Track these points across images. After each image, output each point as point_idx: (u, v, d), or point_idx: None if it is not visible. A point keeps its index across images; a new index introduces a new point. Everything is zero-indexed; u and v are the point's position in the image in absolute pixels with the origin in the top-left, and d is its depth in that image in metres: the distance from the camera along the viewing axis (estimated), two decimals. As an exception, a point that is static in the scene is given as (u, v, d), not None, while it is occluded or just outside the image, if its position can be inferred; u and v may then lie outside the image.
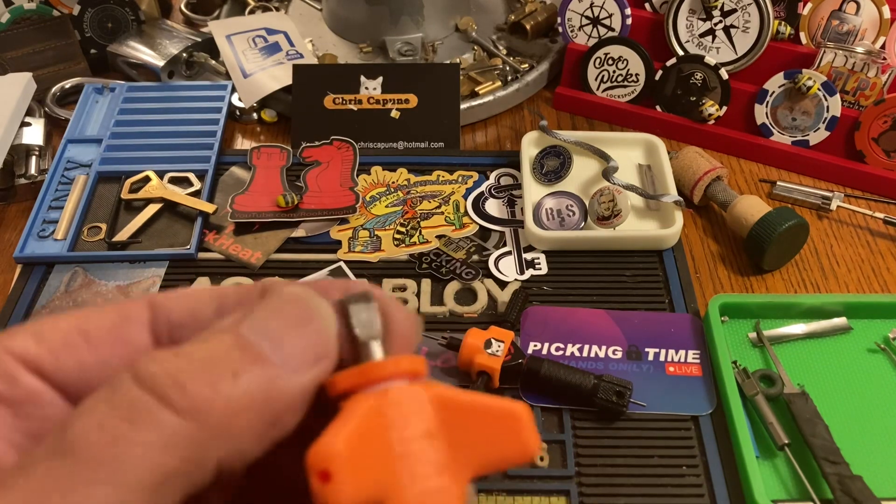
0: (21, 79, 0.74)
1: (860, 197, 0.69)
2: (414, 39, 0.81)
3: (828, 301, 0.57)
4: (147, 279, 0.61)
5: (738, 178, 0.72)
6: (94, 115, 0.75)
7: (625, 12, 0.75)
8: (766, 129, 0.72)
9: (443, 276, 0.61)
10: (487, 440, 0.19)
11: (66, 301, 0.59)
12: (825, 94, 0.68)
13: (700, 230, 0.66)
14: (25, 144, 0.71)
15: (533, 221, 0.63)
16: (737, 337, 0.57)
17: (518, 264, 0.62)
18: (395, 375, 0.19)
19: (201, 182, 0.68)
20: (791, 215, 0.60)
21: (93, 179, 0.68)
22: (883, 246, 0.65)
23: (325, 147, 0.72)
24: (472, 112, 0.76)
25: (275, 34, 0.81)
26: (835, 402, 0.52)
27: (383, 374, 0.19)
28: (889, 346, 0.56)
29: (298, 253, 0.63)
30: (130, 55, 0.79)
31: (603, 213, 0.63)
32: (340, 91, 0.74)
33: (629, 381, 0.52)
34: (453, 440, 0.19)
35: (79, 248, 0.63)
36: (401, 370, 0.19)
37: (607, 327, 0.57)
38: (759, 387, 0.52)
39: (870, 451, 0.50)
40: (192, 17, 0.89)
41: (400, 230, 0.65)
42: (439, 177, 0.70)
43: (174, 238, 0.64)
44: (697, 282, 0.62)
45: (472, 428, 0.19)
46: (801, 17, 0.72)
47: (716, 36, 0.72)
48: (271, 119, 0.77)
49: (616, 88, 0.77)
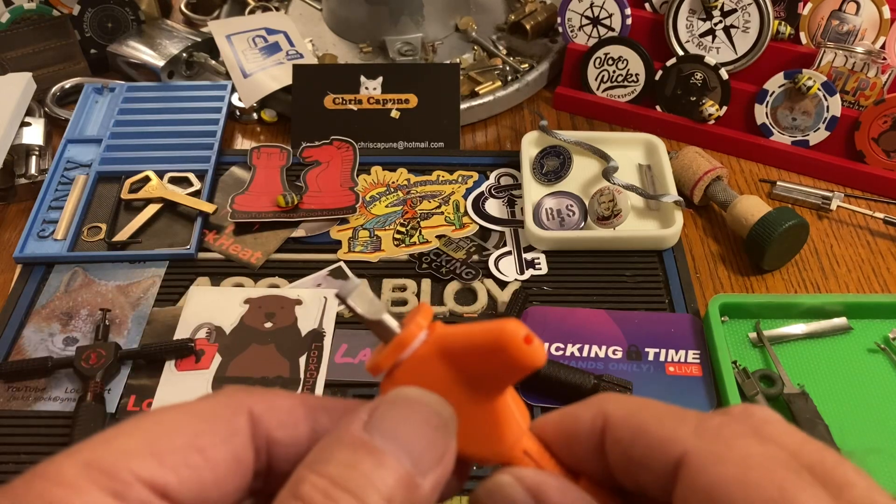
0: (21, 79, 0.74)
1: (860, 197, 0.69)
2: (414, 39, 0.81)
3: (828, 301, 0.57)
4: (147, 279, 0.61)
5: (738, 178, 0.72)
6: (94, 115, 0.75)
7: (625, 12, 0.75)
8: (766, 129, 0.72)
9: (443, 276, 0.61)
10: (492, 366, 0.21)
11: (65, 301, 0.59)
12: (825, 94, 0.68)
13: (700, 230, 0.66)
14: (25, 144, 0.71)
15: (533, 221, 0.63)
16: (737, 337, 0.57)
17: (518, 264, 0.62)
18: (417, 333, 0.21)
19: (201, 182, 0.68)
20: (791, 215, 0.60)
21: (93, 179, 0.68)
22: (883, 246, 0.65)
23: (325, 147, 0.72)
24: (472, 112, 0.76)
25: (275, 34, 0.81)
26: (835, 402, 0.52)
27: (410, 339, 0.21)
28: (889, 346, 0.56)
29: (298, 253, 0.63)
30: (130, 55, 0.79)
31: (603, 213, 0.63)
32: (340, 91, 0.74)
33: (629, 381, 0.52)
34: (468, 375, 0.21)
35: (79, 248, 0.63)
36: (419, 327, 0.22)
37: (607, 327, 0.57)
38: (759, 387, 0.52)
39: (870, 451, 0.50)
40: (192, 17, 0.89)
41: (400, 230, 0.65)
42: (439, 177, 0.70)
43: (174, 238, 0.64)
44: (697, 282, 0.62)
45: (476, 361, 0.21)
46: (801, 17, 0.72)
47: (716, 36, 0.72)
48: (271, 119, 0.77)
49: (616, 88, 0.77)
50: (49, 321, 0.58)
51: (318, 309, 0.58)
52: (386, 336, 0.22)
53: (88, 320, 0.58)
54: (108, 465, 0.18)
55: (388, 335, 0.22)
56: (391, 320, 0.22)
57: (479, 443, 0.21)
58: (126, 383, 0.54)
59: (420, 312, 0.22)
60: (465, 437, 0.21)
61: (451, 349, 0.21)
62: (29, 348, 0.56)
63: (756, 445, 0.18)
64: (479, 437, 0.21)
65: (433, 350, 0.21)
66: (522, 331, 0.20)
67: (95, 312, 0.59)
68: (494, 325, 0.20)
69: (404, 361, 0.21)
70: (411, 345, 0.21)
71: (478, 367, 0.21)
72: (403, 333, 0.21)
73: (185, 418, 0.19)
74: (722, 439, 0.19)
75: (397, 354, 0.21)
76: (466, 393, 0.21)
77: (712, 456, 0.18)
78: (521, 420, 0.22)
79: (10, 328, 0.57)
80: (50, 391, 0.54)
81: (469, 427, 0.21)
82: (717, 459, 0.18)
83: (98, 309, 0.59)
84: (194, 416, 0.20)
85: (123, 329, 0.58)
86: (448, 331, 0.22)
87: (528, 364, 0.20)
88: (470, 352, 0.21)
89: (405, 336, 0.21)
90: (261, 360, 0.55)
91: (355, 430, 0.19)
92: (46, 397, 0.53)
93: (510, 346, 0.20)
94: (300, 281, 0.61)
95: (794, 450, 0.18)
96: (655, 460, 0.19)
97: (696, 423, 0.19)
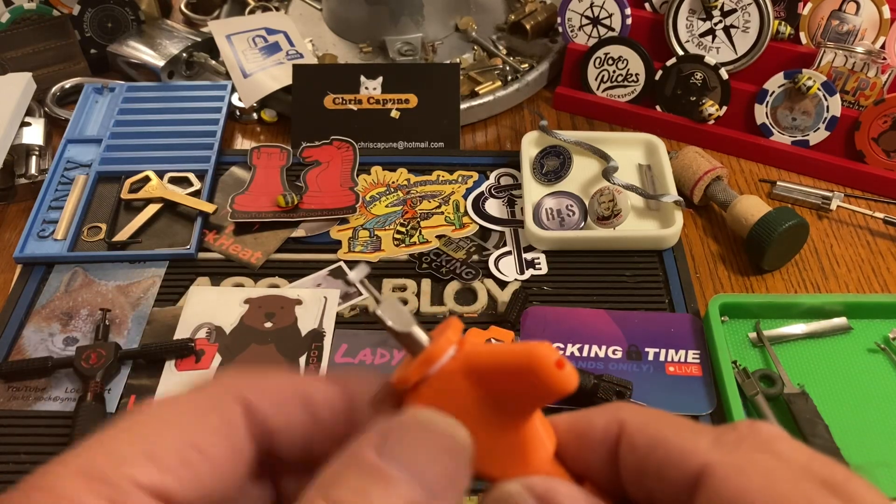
0: (21, 79, 0.74)
1: (860, 197, 0.69)
2: (414, 39, 0.81)
3: (828, 301, 0.57)
4: (147, 279, 0.61)
5: (738, 178, 0.72)
6: (94, 115, 0.75)
7: (625, 12, 0.75)
8: (766, 129, 0.72)
9: (443, 276, 0.61)
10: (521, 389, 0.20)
11: (66, 301, 0.59)
12: (825, 93, 0.68)
13: (700, 230, 0.66)
14: (25, 144, 0.71)
15: (533, 221, 0.63)
16: (737, 337, 0.57)
17: (518, 264, 0.62)
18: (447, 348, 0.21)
19: (201, 182, 0.68)
20: (791, 215, 0.60)
21: (93, 179, 0.68)
22: (883, 246, 0.65)
23: (325, 147, 0.72)
24: (472, 112, 0.76)
25: (275, 34, 0.81)
26: (835, 402, 0.52)
27: (439, 354, 0.21)
28: (889, 346, 0.56)
29: (298, 253, 0.63)
30: (130, 55, 0.79)
31: (603, 213, 0.63)
32: (340, 91, 0.74)
33: (629, 381, 0.52)
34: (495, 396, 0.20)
35: (79, 248, 0.63)
36: (449, 342, 0.21)
37: (607, 327, 0.57)
38: (759, 387, 0.52)
39: (870, 452, 0.50)
40: (192, 17, 0.89)
41: (400, 230, 0.65)
42: (439, 177, 0.70)
43: (174, 238, 0.64)
44: (697, 282, 0.62)
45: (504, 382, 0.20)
46: (801, 16, 0.72)
47: (716, 36, 0.72)
48: (271, 119, 0.77)
49: (616, 88, 0.77)
50: (49, 321, 0.58)
51: (318, 309, 0.58)
52: (414, 349, 0.21)
53: (88, 320, 0.58)
54: (106, 472, 0.18)
55: (417, 348, 0.21)
56: (421, 333, 0.21)
57: (504, 466, 0.21)
58: (126, 383, 0.54)
59: (450, 327, 0.21)
60: (489, 459, 0.21)
61: (480, 368, 0.21)
62: (29, 348, 0.56)
63: (774, 460, 0.18)
64: (504, 460, 0.21)
65: (461, 367, 0.21)
66: (554, 355, 0.20)
67: (95, 312, 0.59)
68: (526, 347, 0.20)
69: (431, 377, 0.21)
70: (440, 360, 0.21)
71: (506, 388, 0.20)
72: (432, 348, 0.21)
73: (180, 414, 0.19)
74: (743, 452, 0.19)
75: (425, 369, 0.21)
76: (493, 413, 0.21)
77: (736, 468, 0.18)
78: (549, 445, 0.21)
79: (11, 328, 0.57)
80: (50, 391, 0.54)
81: (493, 448, 0.21)
82: (741, 471, 0.18)
83: (98, 309, 0.59)
84: (188, 411, 0.19)
85: (123, 329, 0.58)
86: (477, 349, 0.21)
87: (559, 389, 0.20)
88: (498, 372, 0.20)
89: (433, 351, 0.21)
90: (261, 360, 0.55)
91: (368, 455, 0.19)
92: (46, 397, 0.53)
93: (541, 369, 0.19)
94: (300, 281, 0.61)
95: (805, 465, 0.18)
96: (674, 470, 0.19)
97: (715, 437, 0.19)
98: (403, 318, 0.21)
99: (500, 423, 0.21)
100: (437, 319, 0.58)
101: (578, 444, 0.22)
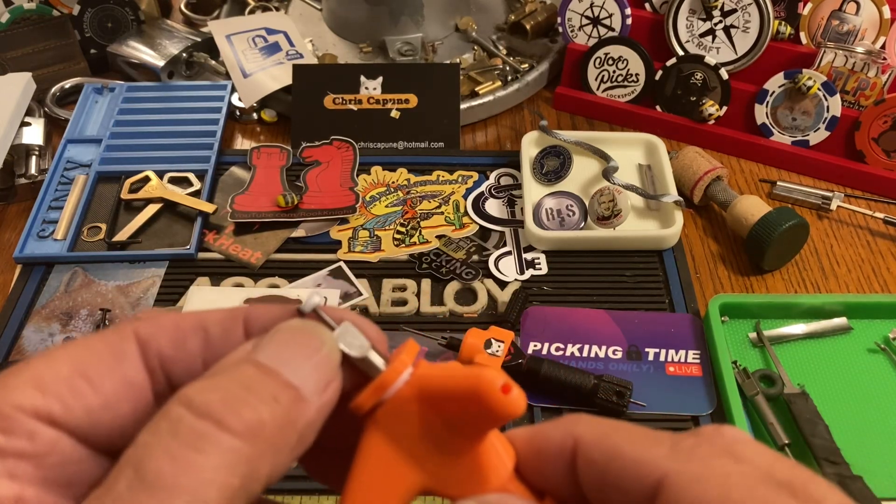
0: (21, 79, 0.74)
1: (860, 197, 0.69)
2: (414, 39, 0.81)
3: (828, 301, 0.57)
4: (147, 279, 0.61)
5: (738, 178, 0.72)
6: (94, 115, 0.75)
7: (625, 12, 0.75)
8: (766, 129, 0.72)
9: (443, 276, 0.61)
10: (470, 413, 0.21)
11: (65, 301, 0.59)
12: (825, 94, 0.68)
13: (700, 230, 0.66)
14: (25, 144, 0.71)
15: (533, 221, 0.63)
16: (737, 337, 0.57)
17: (518, 264, 0.62)
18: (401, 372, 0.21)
19: (201, 182, 0.68)
20: (791, 215, 0.60)
21: (92, 179, 0.68)
22: (883, 246, 0.65)
23: (325, 147, 0.72)
24: (472, 112, 0.76)
25: (275, 34, 0.81)
26: (835, 402, 0.52)
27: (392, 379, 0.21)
28: (889, 346, 0.56)
29: (298, 253, 0.63)
30: (130, 55, 0.79)
31: (603, 213, 0.63)
32: (340, 91, 0.74)
33: (629, 382, 0.52)
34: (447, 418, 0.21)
35: (79, 248, 0.63)
36: (403, 366, 0.21)
37: (607, 327, 0.57)
38: (759, 387, 0.52)
39: (870, 452, 0.50)
40: (192, 17, 0.89)
41: (400, 230, 0.65)
42: (439, 177, 0.70)
43: (174, 238, 0.64)
44: (697, 282, 0.62)
45: (453, 406, 0.21)
46: (802, 16, 0.72)
47: (716, 36, 0.72)
48: (271, 119, 0.77)
49: (616, 88, 0.77)
50: (49, 321, 0.58)
51: (318, 309, 0.58)
52: (371, 373, 0.21)
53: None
54: None
55: (374, 372, 0.21)
56: (377, 357, 0.22)
57: (462, 485, 0.21)
58: (126, 383, 0.54)
59: (405, 350, 0.22)
60: (448, 479, 0.21)
61: (431, 393, 0.21)
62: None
63: (733, 464, 0.18)
64: (462, 479, 0.21)
65: (414, 392, 0.21)
66: (500, 380, 0.20)
67: (95, 312, 0.59)
68: (473, 373, 0.20)
69: (387, 401, 0.21)
70: (393, 385, 0.21)
71: (456, 412, 0.21)
72: (385, 373, 0.21)
73: (73, 351, 0.20)
74: (699, 459, 0.19)
75: (379, 395, 0.21)
76: (448, 434, 0.21)
77: (692, 476, 0.18)
78: (508, 461, 0.22)
79: (10, 328, 0.57)
80: (50, 391, 0.54)
81: (452, 468, 0.21)
82: (697, 480, 0.18)
83: (98, 309, 0.59)
84: (81, 348, 0.20)
85: (123, 329, 0.58)
86: (430, 373, 0.21)
87: (505, 414, 0.20)
88: (448, 398, 0.21)
89: (387, 376, 0.21)
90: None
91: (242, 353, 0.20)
92: (46, 397, 0.53)
93: (486, 395, 0.20)
94: (300, 281, 0.61)
95: (767, 468, 0.18)
96: (632, 482, 0.19)
97: (671, 445, 0.19)
98: (358, 343, 0.21)
99: (456, 443, 0.21)
100: (438, 319, 0.58)
101: (537, 459, 0.22)
